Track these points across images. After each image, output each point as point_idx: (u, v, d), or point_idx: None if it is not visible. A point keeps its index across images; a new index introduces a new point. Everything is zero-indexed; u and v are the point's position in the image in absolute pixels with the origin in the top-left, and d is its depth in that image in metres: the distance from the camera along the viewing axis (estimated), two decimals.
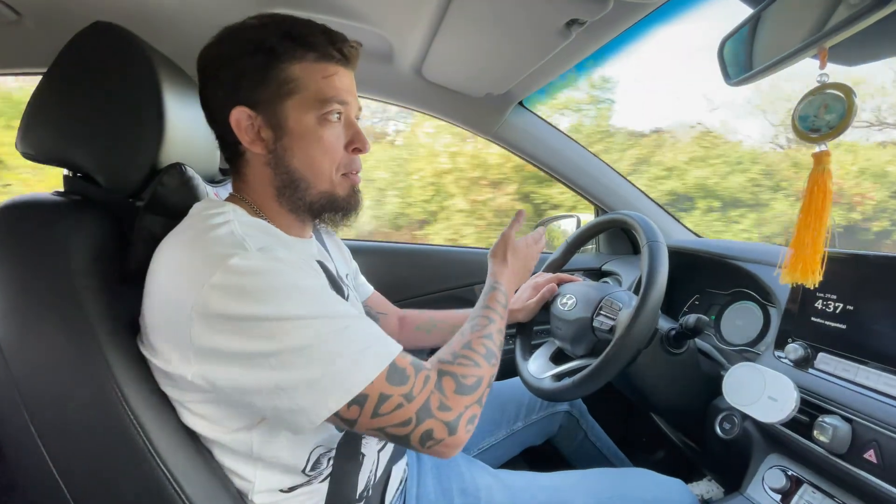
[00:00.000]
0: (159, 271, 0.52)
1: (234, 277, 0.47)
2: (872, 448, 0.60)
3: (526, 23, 0.74)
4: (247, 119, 0.57)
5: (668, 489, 0.79)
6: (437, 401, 0.53)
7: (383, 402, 0.50)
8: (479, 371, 0.58)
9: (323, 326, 0.49)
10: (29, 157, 0.61)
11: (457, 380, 0.56)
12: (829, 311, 0.72)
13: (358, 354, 0.49)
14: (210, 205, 0.58)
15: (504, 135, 1.25)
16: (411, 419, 0.51)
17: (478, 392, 0.56)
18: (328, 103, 0.57)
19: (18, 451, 0.52)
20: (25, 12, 0.78)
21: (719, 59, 0.63)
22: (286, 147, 0.58)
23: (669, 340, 0.84)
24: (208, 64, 0.58)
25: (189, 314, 0.47)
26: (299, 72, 0.56)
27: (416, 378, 0.52)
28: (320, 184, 0.60)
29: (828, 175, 0.52)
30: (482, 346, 0.62)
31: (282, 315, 0.47)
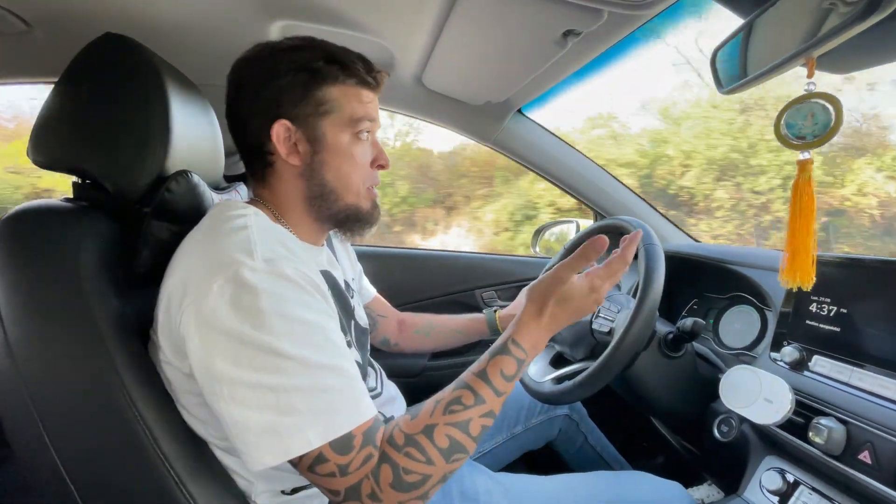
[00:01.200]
0: (176, 267, 0.54)
1: (231, 288, 0.48)
2: (867, 449, 0.61)
3: (524, 33, 0.76)
4: (286, 132, 0.60)
5: (667, 492, 0.80)
6: (368, 488, 0.49)
7: (319, 462, 0.48)
8: (428, 469, 0.50)
9: (293, 372, 0.48)
10: (39, 164, 0.62)
11: (396, 472, 0.50)
12: (823, 313, 0.74)
13: (313, 418, 0.47)
14: (233, 204, 0.60)
15: (503, 142, 1.27)
16: (340, 492, 0.49)
17: (419, 490, 0.50)
18: (361, 122, 0.62)
19: (30, 453, 0.53)
20: (35, 23, 0.80)
21: (712, 68, 0.65)
22: (323, 161, 0.61)
23: (667, 344, 0.85)
24: (247, 78, 0.61)
25: (185, 309, 0.49)
26: (337, 94, 0.61)
27: (358, 453, 0.49)
28: (348, 196, 0.64)
29: (812, 182, 0.53)
30: (446, 437, 0.52)
31: (259, 343, 0.47)
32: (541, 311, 0.61)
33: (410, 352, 1.02)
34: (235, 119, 0.63)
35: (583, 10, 0.66)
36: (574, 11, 0.66)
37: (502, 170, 3.92)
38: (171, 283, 0.53)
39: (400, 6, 0.78)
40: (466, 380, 0.56)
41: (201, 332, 0.48)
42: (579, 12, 0.66)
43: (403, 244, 3.83)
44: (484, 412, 0.54)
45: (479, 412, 0.54)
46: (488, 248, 3.79)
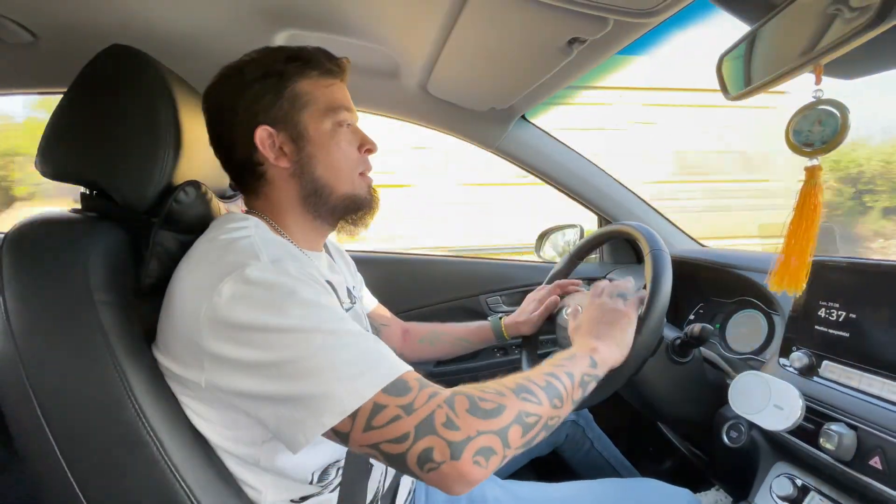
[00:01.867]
0: (180, 278, 0.55)
1: (243, 287, 0.49)
2: (878, 454, 0.61)
3: (529, 41, 0.77)
4: (269, 137, 0.61)
5: (676, 499, 0.80)
6: (443, 416, 0.46)
7: (378, 412, 0.46)
8: (501, 399, 0.49)
9: (325, 341, 0.48)
10: (48, 175, 0.62)
11: (472, 400, 0.48)
12: (832, 319, 0.73)
13: (357, 371, 0.48)
14: (233, 217, 0.61)
15: (507, 148, 1.27)
16: (409, 434, 0.45)
17: (497, 420, 0.47)
18: (339, 111, 0.64)
19: (40, 463, 0.53)
20: (42, 34, 0.81)
21: (717, 74, 0.65)
22: (310, 155, 0.63)
23: (675, 349, 0.85)
24: (219, 99, 0.63)
25: (201, 319, 0.49)
26: (308, 87, 0.63)
27: (419, 392, 0.48)
28: (342, 186, 0.65)
29: (819, 189, 0.53)
30: (513, 381, 0.53)
31: (284, 327, 0.48)
32: (580, 328, 0.71)
33: (414, 360, 1.01)
34: (220, 142, 0.65)
35: (588, 18, 0.66)
36: (580, 20, 0.66)
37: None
38: (181, 297, 0.53)
39: (405, 15, 0.78)
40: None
41: (227, 335, 0.49)
42: (585, 20, 0.67)
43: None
44: (544, 371, 0.57)
45: (538, 370, 0.57)
46: None
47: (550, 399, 0.53)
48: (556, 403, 0.54)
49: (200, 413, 0.56)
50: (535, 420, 0.50)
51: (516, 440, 0.48)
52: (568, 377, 0.57)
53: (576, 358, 0.61)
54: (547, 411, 0.52)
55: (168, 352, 0.55)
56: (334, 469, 0.63)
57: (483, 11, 0.69)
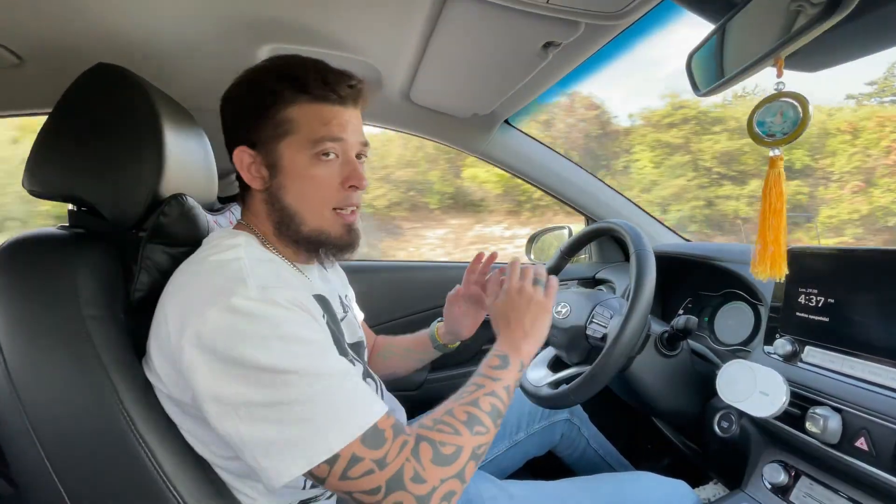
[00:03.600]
0: (168, 299, 0.55)
1: (228, 316, 0.49)
2: (863, 436, 0.62)
3: (505, 47, 0.79)
4: (248, 158, 0.61)
5: (672, 491, 0.80)
6: (411, 470, 0.49)
7: (354, 464, 0.48)
8: (457, 440, 0.53)
9: (300, 384, 0.48)
10: (35, 194, 0.63)
11: (434, 447, 0.51)
12: (811, 305, 0.75)
13: (330, 422, 0.48)
14: (224, 235, 0.61)
15: (492, 152, 1.29)
16: (380, 488, 0.48)
17: (457, 464, 0.51)
18: (321, 143, 0.59)
19: (31, 477, 0.54)
20: (27, 57, 0.81)
21: (687, 72, 0.67)
22: (280, 185, 0.60)
23: (663, 343, 0.86)
24: (223, 108, 0.63)
25: (184, 345, 0.49)
26: (295, 113, 0.59)
27: (392, 443, 0.50)
28: (312, 220, 0.62)
29: (782, 177, 0.55)
30: (464, 412, 0.56)
31: (263, 364, 0.47)
32: (501, 324, 0.71)
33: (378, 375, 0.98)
34: (226, 147, 0.65)
35: (560, 22, 0.68)
36: (552, 24, 0.69)
37: None
38: (166, 317, 0.53)
39: (384, 26, 0.80)
40: (464, 385, 0.62)
41: (204, 362, 0.48)
42: (557, 24, 0.69)
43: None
44: (487, 392, 0.60)
45: (482, 392, 0.59)
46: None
47: (494, 421, 0.58)
48: (497, 423, 0.58)
49: (188, 429, 0.56)
50: (484, 449, 0.56)
51: (470, 473, 0.53)
52: (505, 391, 0.61)
53: (509, 368, 0.64)
54: (492, 434, 0.57)
55: (156, 370, 0.55)
56: None
57: (458, 20, 0.71)
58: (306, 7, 0.76)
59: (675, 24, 0.78)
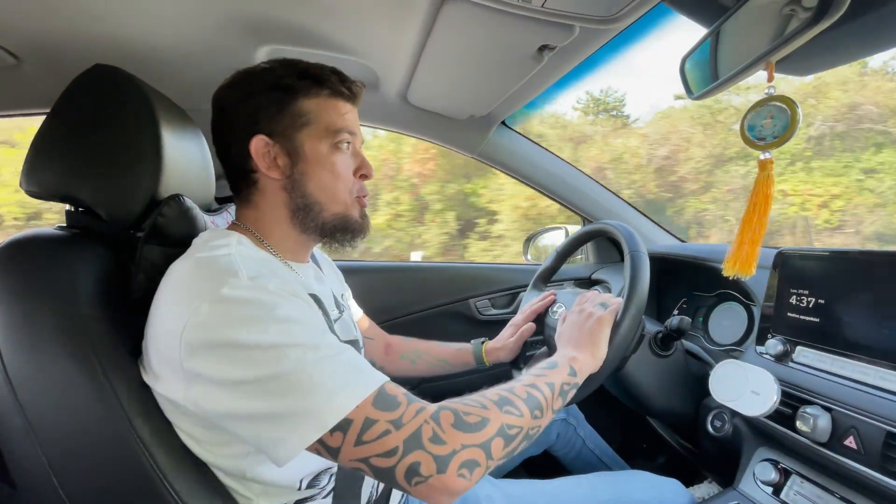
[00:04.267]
0: (161, 297, 0.55)
1: (221, 306, 0.49)
2: (852, 435, 0.63)
3: (501, 50, 0.79)
4: (264, 147, 0.62)
5: (665, 489, 0.81)
6: (429, 431, 0.48)
7: (368, 427, 0.47)
8: (483, 412, 0.52)
9: (303, 356, 0.49)
10: (32, 194, 0.63)
11: (457, 415, 0.50)
12: (803, 305, 0.76)
13: (337, 386, 0.48)
14: (215, 234, 0.61)
15: (489, 154, 1.30)
16: (397, 448, 0.47)
17: (482, 434, 0.50)
18: (339, 133, 0.63)
19: (29, 477, 0.54)
20: (24, 57, 0.82)
21: (681, 75, 0.68)
22: (303, 172, 0.63)
23: (657, 343, 0.87)
24: (226, 102, 0.63)
25: (180, 339, 0.49)
26: (313, 106, 0.63)
27: (407, 406, 0.50)
28: (334, 206, 0.65)
29: (771, 180, 0.56)
30: (496, 394, 0.56)
31: (262, 343, 0.48)
32: (565, 351, 0.72)
33: (395, 377, 0.99)
34: (219, 143, 0.65)
35: (555, 26, 0.69)
36: (547, 27, 0.69)
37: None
38: (159, 315, 0.53)
39: (382, 28, 0.80)
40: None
41: (203, 352, 0.49)
42: (552, 28, 0.69)
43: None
44: (526, 382, 0.60)
45: (520, 383, 0.60)
46: None
47: (531, 410, 0.56)
48: (536, 414, 0.57)
49: (184, 429, 0.56)
50: (516, 431, 0.53)
51: (498, 451, 0.51)
52: (548, 387, 0.61)
53: (556, 368, 0.65)
54: (528, 422, 0.55)
55: (151, 369, 0.55)
56: (326, 475, 0.63)
57: (455, 23, 0.72)
58: (304, 9, 0.76)
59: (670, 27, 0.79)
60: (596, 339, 0.72)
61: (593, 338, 0.72)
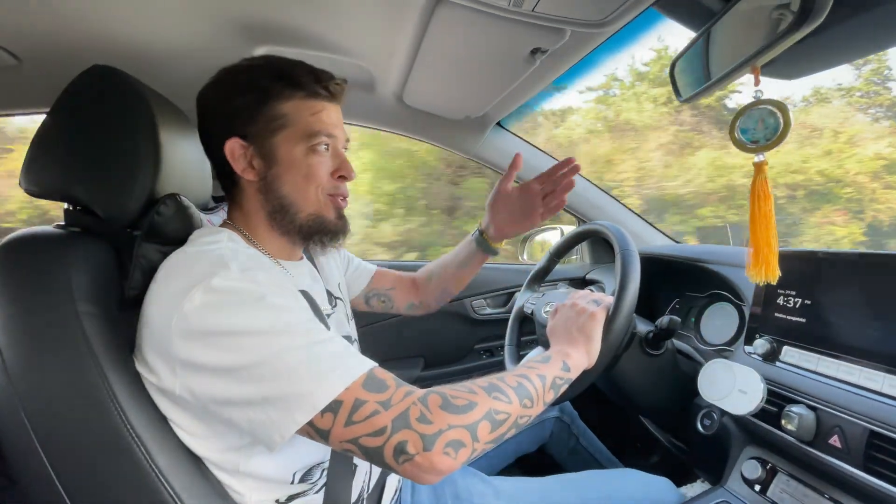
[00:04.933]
0: (153, 288, 0.56)
1: (212, 296, 0.51)
2: (836, 434, 0.64)
3: (494, 52, 0.80)
4: (240, 149, 0.62)
5: (655, 487, 0.82)
6: (417, 412, 0.49)
7: (358, 407, 0.49)
8: (472, 396, 0.52)
9: (293, 342, 0.50)
10: (32, 193, 0.64)
11: (444, 397, 0.51)
12: (789, 306, 0.77)
13: (327, 369, 0.49)
14: (208, 231, 0.63)
15: (484, 154, 1.31)
16: (386, 427, 0.48)
17: (468, 416, 0.50)
18: (316, 136, 0.63)
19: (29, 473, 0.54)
20: (25, 57, 0.82)
21: (671, 78, 0.69)
22: (276, 175, 0.63)
23: (648, 342, 0.88)
24: (207, 102, 0.64)
25: (172, 328, 0.51)
26: (289, 109, 0.62)
27: (396, 389, 0.51)
28: (308, 206, 0.65)
29: (767, 181, 0.57)
30: (485, 381, 0.56)
31: (252, 329, 0.49)
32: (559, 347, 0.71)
33: (438, 300, 1.01)
34: (204, 141, 0.67)
35: (546, 29, 0.70)
36: (539, 31, 0.70)
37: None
38: (153, 308, 0.55)
39: (376, 29, 0.81)
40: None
41: (196, 341, 0.50)
42: (544, 31, 0.70)
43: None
44: (516, 373, 0.60)
45: (511, 372, 0.60)
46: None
47: (521, 399, 0.56)
48: (526, 403, 0.57)
49: (178, 422, 0.57)
50: (504, 417, 0.54)
51: (485, 435, 0.51)
52: (539, 379, 0.60)
53: (549, 361, 0.65)
54: (517, 410, 0.55)
55: (145, 361, 0.56)
56: (318, 470, 0.64)
57: (448, 25, 0.73)
58: (299, 10, 0.77)
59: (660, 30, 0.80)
60: (589, 335, 0.72)
61: (586, 333, 0.72)
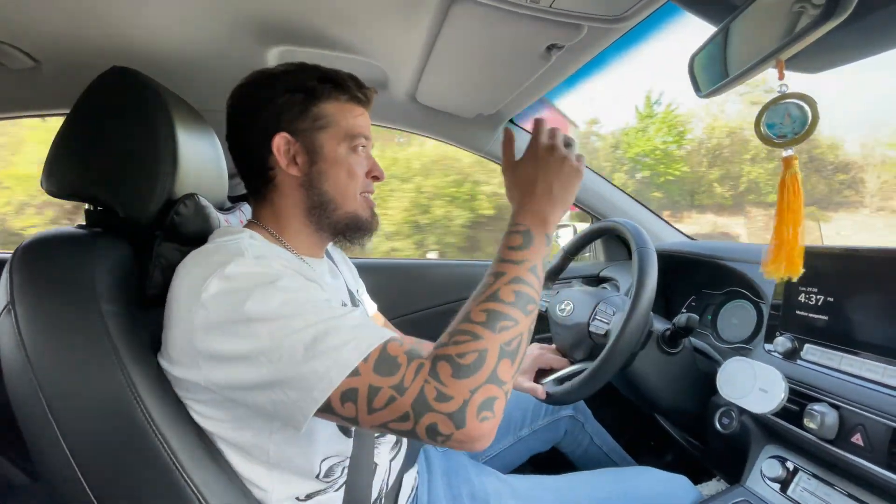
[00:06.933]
0: (175, 285, 0.57)
1: (226, 283, 0.52)
2: (859, 432, 0.63)
3: (509, 49, 0.80)
4: (286, 144, 0.64)
5: (672, 485, 0.81)
6: (432, 391, 0.47)
7: (374, 395, 0.48)
8: (478, 344, 0.49)
9: (307, 321, 0.50)
10: (53, 193, 0.65)
11: (452, 362, 0.48)
12: (811, 303, 0.76)
13: (340, 343, 0.49)
14: (228, 230, 0.64)
15: (496, 151, 1.30)
16: (408, 413, 0.47)
17: (484, 369, 0.48)
18: (357, 137, 0.67)
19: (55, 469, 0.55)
20: (43, 59, 0.84)
21: (689, 73, 0.68)
22: (320, 171, 0.66)
23: (665, 341, 0.87)
24: (246, 103, 0.66)
25: (193, 320, 0.52)
26: (333, 110, 0.66)
27: (407, 367, 0.49)
28: (347, 205, 0.68)
29: (797, 176, 0.56)
30: (481, 312, 0.52)
31: (267, 315, 0.50)
32: (530, 183, 0.61)
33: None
34: (236, 141, 0.68)
35: (564, 25, 0.69)
36: (555, 27, 0.70)
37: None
38: (175, 299, 0.56)
39: (391, 28, 0.81)
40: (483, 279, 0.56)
41: (215, 331, 0.51)
42: (560, 28, 0.70)
43: None
44: (509, 279, 0.54)
45: (503, 281, 0.54)
46: None
47: (524, 310, 0.53)
48: (529, 309, 0.53)
49: (207, 414, 0.58)
50: (517, 343, 0.51)
51: (508, 374, 0.49)
52: (531, 273, 0.55)
53: (532, 243, 0.57)
54: (525, 324, 0.52)
55: (169, 357, 0.57)
56: (339, 468, 0.65)
57: (463, 23, 0.73)
58: (315, 10, 0.77)
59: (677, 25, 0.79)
60: (568, 196, 0.62)
61: (567, 192, 0.62)
